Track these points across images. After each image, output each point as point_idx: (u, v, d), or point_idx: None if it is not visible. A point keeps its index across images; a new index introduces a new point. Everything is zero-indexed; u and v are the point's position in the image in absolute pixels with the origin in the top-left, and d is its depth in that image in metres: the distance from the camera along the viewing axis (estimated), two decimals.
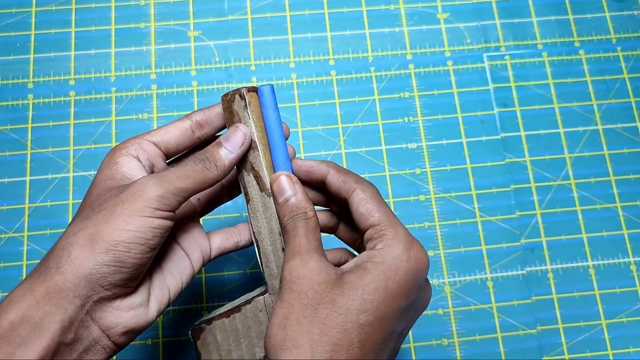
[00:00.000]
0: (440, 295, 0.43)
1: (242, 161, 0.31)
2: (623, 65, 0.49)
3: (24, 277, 0.42)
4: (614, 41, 0.49)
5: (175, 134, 0.31)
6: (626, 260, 0.44)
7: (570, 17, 0.50)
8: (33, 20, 0.48)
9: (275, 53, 0.48)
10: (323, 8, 0.49)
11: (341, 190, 0.29)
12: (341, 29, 0.49)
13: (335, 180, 0.30)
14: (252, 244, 0.32)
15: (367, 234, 0.28)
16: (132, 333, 0.28)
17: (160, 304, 0.29)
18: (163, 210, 0.27)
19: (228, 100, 0.31)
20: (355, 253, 0.33)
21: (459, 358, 0.41)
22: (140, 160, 0.30)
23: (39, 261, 0.42)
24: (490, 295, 0.43)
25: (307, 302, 0.25)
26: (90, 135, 0.45)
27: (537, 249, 0.44)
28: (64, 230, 0.42)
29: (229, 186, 0.34)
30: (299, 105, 0.47)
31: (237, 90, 0.31)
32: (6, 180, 0.44)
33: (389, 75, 0.48)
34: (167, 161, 0.32)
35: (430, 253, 0.44)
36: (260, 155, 0.31)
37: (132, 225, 0.26)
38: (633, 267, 0.44)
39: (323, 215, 0.33)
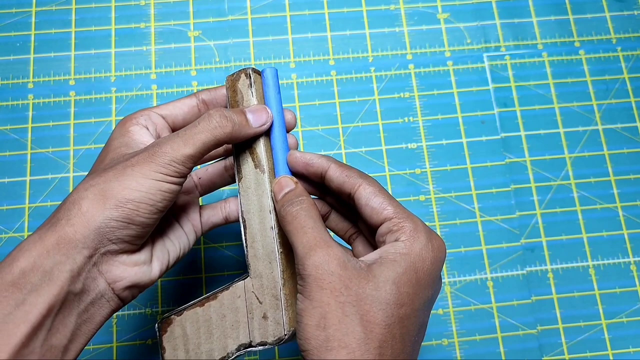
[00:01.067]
0: (440, 295, 0.43)
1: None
2: (623, 65, 0.49)
3: None
4: (614, 41, 0.49)
5: (183, 109, 0.32)
6: (626, 260, 0.44)
7: (570, 17, 0.50)
8: (33, 20, 0.48)
9: (275, 53, 0.48)
10: (323, 8, 0.49)
11: (345, 185, 0.29)
12: (341, 29, 0.49)
13: (337, 175, 0.29)
14: (239, 220, 0.32)
15: (384, 227, 0.27)
16: (136, 288, 0.28)
17: (162, 265, 0.30)
18: (172, 176, 0.27)
19: (233, 79, 0.32)
20: (346, 245, 0.33)
21: (459, 358, 0.41)
22: (149, 130, 0.30)
23: None
24: (490, 295, 0.43)
25: (344, 299, 0.25)
26: (90, 135, 0.45)
27: (537, 249, 0.44)
28: None
29: (232, 168, 0.35)
30: (299, 105, 0.47)
31: (243, 70, 0.31)
32: (6, 180, 0.44)
33: (389, 75, 0.48)
34: None
35: None
36: (260, 135, 0.31)
37: (142, 186, 0.27)
38: (633, 267, 0.44)
39: (317, 204, 0.33)
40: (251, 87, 0.31)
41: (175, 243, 0.32)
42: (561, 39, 0.49)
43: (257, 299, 0.30)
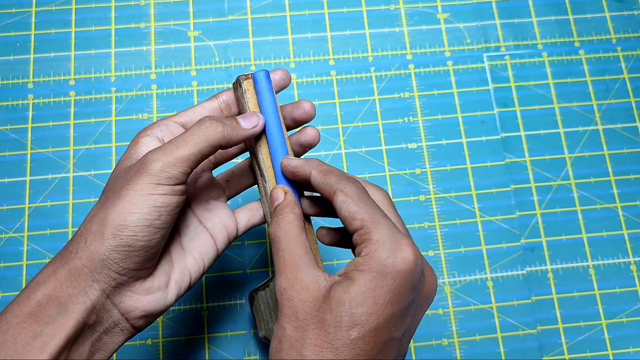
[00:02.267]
0: (440, 295, 0.43)
1: (249, 147, 0.32)
2: (623, 65, 0.49)
3: (24, 277, 0.42)
4: (614, 41, 0.49)
5: (204, 114, 0.31)
6: (626, 260, 0.44)
7: (570, 17, 0.50)
8: (33, 20, 0.48)
9: (275, 53, 0.48)
10: (323, 8, 0.49)
11: (324, 193, 0.28)
12: (341, 29, 0.49)
13: (318, 181, 0.28)
14: None
15: (354, 239, 0.26)
16: (151, 316, 0.28)
17: (180, 288, 0.29)
18: (166, 185, 0.26)
19: (233, 87, 0.32)
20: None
21: (459, 358, 0.41)
22: (163, 142, 0.29)
23: (39, 261, 0.42)
24: (490, 295, 0.43)
25: (298, 324, 0.24)
26: (90, 135, 0.45)
27: (537, 249, 0.44)
28: (64, 230, 0.43)
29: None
30: None
31: (237, 78, 0.31)
32: (6, 180, 0.44)
33: (389, 75, 0.48)
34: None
35: (430, 253, 0.44)
36: (259, 142, 0.31)
37: (136, 206, 0.26)
38: (633, 267, 0.44)
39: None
40: (244, 95, 0.31)
41: (198, 258, 0.30)
42: (561, 39, 0.49)
43: None
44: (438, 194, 0.45)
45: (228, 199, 0.34)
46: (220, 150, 0.29)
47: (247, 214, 0.33)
